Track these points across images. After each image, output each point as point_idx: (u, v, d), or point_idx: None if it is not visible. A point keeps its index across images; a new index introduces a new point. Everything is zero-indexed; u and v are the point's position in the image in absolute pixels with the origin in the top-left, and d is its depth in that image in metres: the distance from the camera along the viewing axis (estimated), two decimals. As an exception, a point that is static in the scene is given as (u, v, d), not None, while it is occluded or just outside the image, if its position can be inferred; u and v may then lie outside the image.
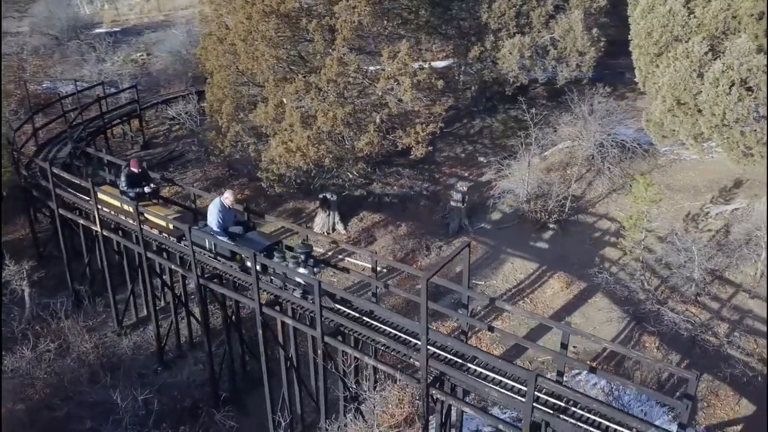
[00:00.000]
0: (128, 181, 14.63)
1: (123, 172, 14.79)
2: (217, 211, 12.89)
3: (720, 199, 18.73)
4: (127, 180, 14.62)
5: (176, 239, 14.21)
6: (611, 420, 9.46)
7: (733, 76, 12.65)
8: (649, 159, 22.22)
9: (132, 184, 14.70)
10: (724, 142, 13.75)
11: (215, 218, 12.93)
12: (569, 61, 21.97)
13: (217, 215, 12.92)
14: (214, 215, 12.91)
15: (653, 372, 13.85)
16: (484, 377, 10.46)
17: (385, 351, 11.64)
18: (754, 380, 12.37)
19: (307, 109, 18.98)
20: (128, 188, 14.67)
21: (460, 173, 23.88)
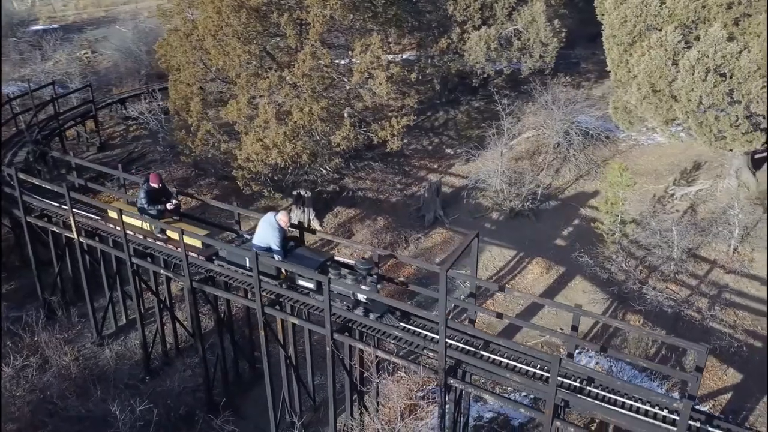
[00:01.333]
0: (148, 198, 13.63)
1: (142, 189, 13.70)
2: (274, 230, 12.13)
3: (682, 181, 19.65)
4: (146, 197, 13.60)
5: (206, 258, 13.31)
6: (627, 396, 9.85)
7: (708, 63, 13.31)
8: (610, 145, 23.10)
9: (152, 201, 13.70)
10: (698, 127, 14.43)
11: (275, 237, 12.15)
12: (533, 52, 22.52)
13: (277, 234, 12.16)
14: (271, 234, 12.14)
15: (641, 348, 14.46)
16: (498, 363, 10.66)
17: (396, 344, 11.66)
18: (739, 350, 13.12)
19: (282, 104, 18.71)
20: (149, 205, 13.65)
21: (430, 165, 24.11)
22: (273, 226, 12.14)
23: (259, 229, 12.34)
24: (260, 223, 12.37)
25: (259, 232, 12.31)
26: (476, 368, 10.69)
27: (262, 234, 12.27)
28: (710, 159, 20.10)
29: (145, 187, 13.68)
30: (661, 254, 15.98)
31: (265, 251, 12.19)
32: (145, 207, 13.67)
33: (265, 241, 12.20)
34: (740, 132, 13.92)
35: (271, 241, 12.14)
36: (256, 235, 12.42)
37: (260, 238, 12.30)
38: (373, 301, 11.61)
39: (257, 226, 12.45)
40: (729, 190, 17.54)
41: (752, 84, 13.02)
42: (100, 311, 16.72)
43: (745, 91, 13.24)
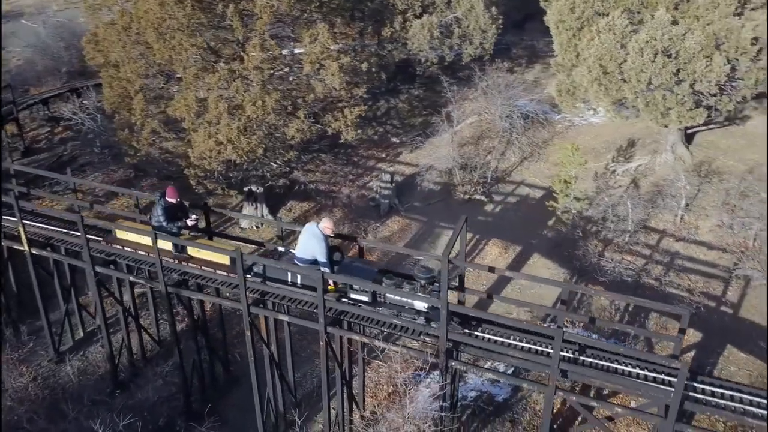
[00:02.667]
0: (167, 215, 12.57)
1: (159, 204, 12.51)
2: (319, 241, 11.22)
3: (620, 158, 20.84)
4: (165, 213, 12.53)
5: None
6: (620, 361, 10.42)
7: (656, 45, 14.19)
8: (548, 127, 24.11)
9: (171, 217, 12.64)
10: (645, 106, 15.36)
11: (321, 248, 11.24)
12: (473, 39, 23.03)
13: (323, 244, 11.25)
14: (316, 245, 11.23)
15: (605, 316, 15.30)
16: (495, 342, 10.96)
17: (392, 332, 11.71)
18: (698, 312, 14.17)
19: (233, 98, 18.14)
20: (168, 222, 12.53)
21: (378, 155, 24.20)
22: (317, 237, 11.21)
23: (301, 240, 11.44)
24: (302, 234, 11.47)
25: (303, 243, 11.39)
26: (476, 348, 10.93)
27: (305, 246, 11.33)
28: (643, 136, 21.43)
29: (162, 203, 12.51)
30: (615, 228, 16.91)
31: (310, 264, 11.36)
32: (164, 225, 12.49)
33: (310, 254, 11.28)
34: (685, 109, 14.97)
35: (317, 253, 11.20)
36: (299, 248, 11.51)
37: (304, 250, 11.37)
38: (434, 309, 10.94)
39: (300, 240, 11.55)
40: (666, 163, 18.77)
41: (696, 64, 14.02)
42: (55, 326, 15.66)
43: (690, 71, 14.23)
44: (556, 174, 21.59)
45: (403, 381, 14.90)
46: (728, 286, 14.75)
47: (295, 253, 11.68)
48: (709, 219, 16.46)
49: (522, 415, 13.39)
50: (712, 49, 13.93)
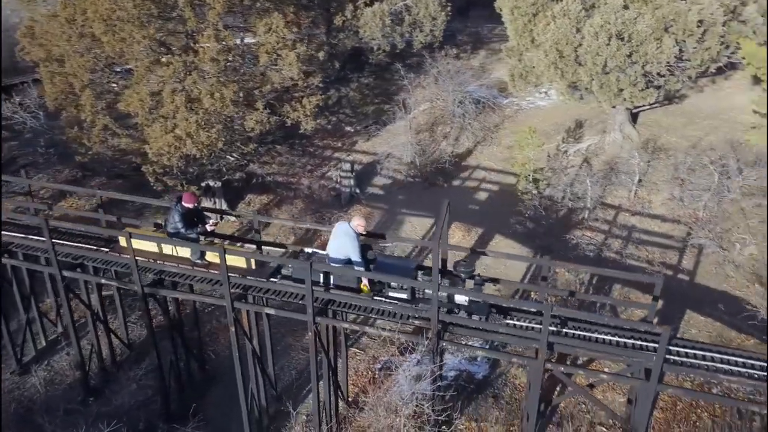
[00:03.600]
0: (185, 221, 12.04)
1: (175, 210, 11.98)
2: (352, 239, 11.06)
3: (570, 139, 21.66)
4: (183, 220, 12.00)
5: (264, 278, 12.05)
6: (600, 331, 10.95)
7: (610, 29, 14.83)
8: (498, 112, 24.71)
9: (189, 224, 12.12)
10: (599, 88, 16.04)
11: (355, 246, 11.07)
12: (423, 26, 23.27)
13: (356, 243, 11.10)
14: (349, 244, 11.06)
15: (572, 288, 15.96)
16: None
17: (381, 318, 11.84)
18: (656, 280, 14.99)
19: (189, 91, 17.65)
20: (187, 229, 12.03)
21: (333, 144, 24.14)
22: (350, 235, 11.05)
23: (333, 239, 11.26)
24: (335, 233, 11.29)
25: (335, 243, 11.21)
26: (467, 329, 11.22)
27: (338, 245, 11.15)
28: (590, 117, 22.33)
29: (180, 209, 12.00)
30: (574, 205, 17.63)
31: (344, 263, 11.19)
32: (183, 231, 12.01)
33: (344, 253, 11.11)
34: (638, 90, 15.74)
35: (351, 252, 11.05)
36: (331, 247, 11.32)
37: (337, 249, 11.19)
38: (474, 302, 11.03)
39: (332, 239, 11.34)
40: (615, 142, 19.67)
41: (648, 46, 14.76)
42: (14, 336, 14.89)
43: (642, 53, 14.97)
44: (512, 156, 22.29)
45: (383, 366, 15.22)
46: (683, 255, 15.71)
47: (327, 253, 11.47)
48: (660, 193, 17.42)
49: (503, 390, 13.86)
50: (661, 32, 14.70)
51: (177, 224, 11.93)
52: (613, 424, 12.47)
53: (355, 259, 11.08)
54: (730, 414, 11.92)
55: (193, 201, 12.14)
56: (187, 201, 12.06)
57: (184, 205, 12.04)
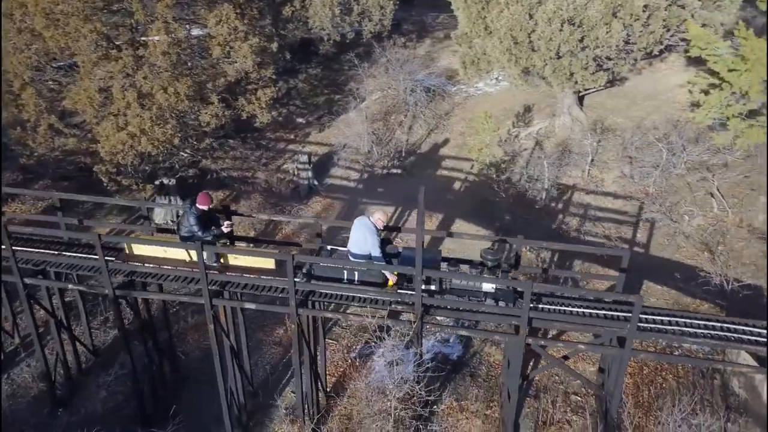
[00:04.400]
0: (200, 223, 11.60)
1: (190, 213, 11.57)
2: (373, 234, 10.95)
3: (521, 123, 22.31)
4: (198, 222, 11.57)
5: None
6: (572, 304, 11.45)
7: (563, 15, 15.37)
8: (448, 99, 25.12)
9: (204, 226, 11.67)
10: (552, 72, 16.61)
11: (376, 242, 10.96)
12: (372, 16, 23.32)
13: (376, 238, 10.99)
14: (371, 239, 10.95)
15: (535, 266, 16.54)
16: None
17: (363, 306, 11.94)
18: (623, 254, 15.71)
19: (141, 87, 17.09)
20: (203, 231, 11.60)
21: (286, 137, 23.92)
22: (371, 230, 10.93)
23: (354, 235, 11.10)
24: (355, 229, 11.13)
25: (356, 239, 11.06)
26: (449, 310, 11.49)
27: (359, 241, 11.00)
28: (537, 102, 23.03)
29: (194, 212, 11.59)
30: (531, 187, 18.22)
31: (366, 259, 11.04)
32: (199, 234, 11.57)
33: (365, 249, 10.98)
34: (589, 73, 16.40)
35: (371, 247, 10.93)
36: (352, 243, 11.14)
37: (359, 245, 11.02)
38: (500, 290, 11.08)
39: (352, 234, 11.19)
40: (565, 125, 20.42)
41: (599, 31, 15.40)
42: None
43: (593, 37, 15.61)
44: (465, 143, 22.75)
45: (358, 354, 15.34)
46: (637, 229, 16.54)
47: (348, 249, 11.31)
48: (611, 171, 18.24)
49: (479, 368, 14.25)
50: (610, 17, 15.36)
51: (192, 227, 11.50)
52: (586, 392, 13.08)
53: (375, 255, 10.99)
54: (693, 374, 12.73)
55: (208, 202, 11.72)
56: (201, 203, 11.64)
57: (198, 207, 11.61)
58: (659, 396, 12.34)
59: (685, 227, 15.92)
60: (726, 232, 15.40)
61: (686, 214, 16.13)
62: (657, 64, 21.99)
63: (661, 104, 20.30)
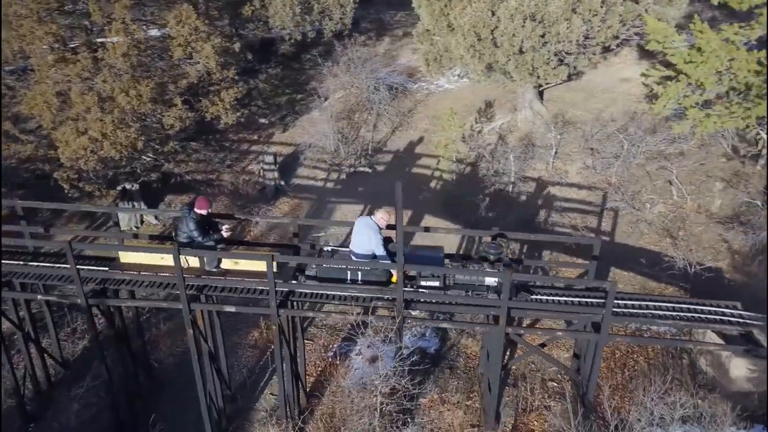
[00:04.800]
0: (199, 228, 11.32)
1: (189, 219, 11.27)
2: (376, 234, 11.05)
3: (483, 119, 22.67)
4: (198, 227, 11.29)
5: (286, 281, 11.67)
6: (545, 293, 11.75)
7: (525, 11, 15.72)
8: (410, 96, 25.31)
9: (203, 230, 11.42)
10: (515, 67, 16.96)
11: (379, 241, 11.07)
12: (333, 14, 23.29)
13: (380, 237, 11.10)
14: (374, 239, 11.02)
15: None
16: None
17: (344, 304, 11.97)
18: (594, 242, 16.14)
19: (101, 90, 16.67)
20: (202, 236, 11.34)
21: (250, 137, 23.68)
22: (373, 229, 11.05)
23: (357, 236, 11.19)
24: (357, 229, 11.23)
25: (358, 239, 11.15)
26: (429, 303, 11.63)
27: (362, 241, 11.10)
28: (498, 97, 23.44)
29: (193, 216, 11.30)
30: (498, 181, 18.56)
31: (369, 259, 11.12)
32: (199, 239, 11.32)
33: (368, 248, 11.06)
34: (551, 68, 16.81)
35: (375, 246, 11.03)
36: (354, 244, 11.22)
37: (361, 245, 11.12)
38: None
39: (353, 234, 11.33)
40: (527, 119, 20.87)
41: (560, 26, 15.81)
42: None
43: (555, 33, 16.01)
44: (429, 140, 22.99)
45: (335, 353, 15.34)
46: (602, 218, 17.06)
47: (351, 249, 11.34)
48: (574, 163, 18.74)
49: (457, 360, 14.45)
50: (570, 12, 15.79)
51: (192, 233, 11.24)
52: (562, 379, 13.45)
53: (380, 254, 11.06)
54: (662, 355, 13.24)
55: (207, 207, 11.45)
56: (200, 207, 11.36)
57: (197, 212, 11.34)
58: (632, 378, 12.79)
59: (647, 215, 16.52)
60: (686, 218, 16.05)
61: (647, 202, 16.74)
62: (611, 59, 22.65)
63: (618, 96, 20.97)
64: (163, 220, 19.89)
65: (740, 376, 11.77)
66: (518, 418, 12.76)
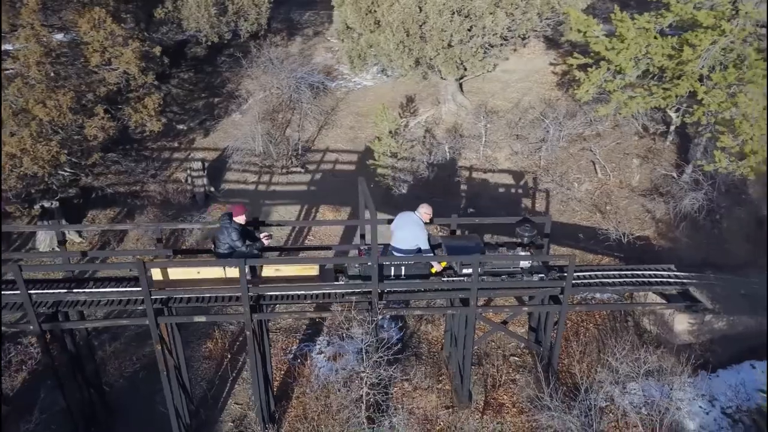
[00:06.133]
0: (242, 237, 11.20)
1: (231, 228, 11.08)
2: (422, 228, 11.41)
3: (407, 114, 23.22)
4: (239, 236, 11.13)
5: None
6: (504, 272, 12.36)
7: (452, 6, 16.32)
8: (330, 95, 25.40)
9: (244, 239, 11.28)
10: (444, 61, 17.58)
11: (425, 236, 11.44)
12: (248, 15, 22.88)
13: (425, 232, 11.49)
14: (420, 233, 11.38)
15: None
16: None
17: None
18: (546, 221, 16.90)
19: (14, 102, 15.45)
20: (245, 245, 11.21)
21: (170, 145, 22.77)
22: (419, 225, 11.41)
23: (402, 231, 11.48)
24: (403, 226, 11.51)
25: (404, 235, 11.44)
26: (404, 293, 11.91)
27: (408, 236, 11.39)
28: (418, 91, 24.10)
29: (235, 226, 11.17)
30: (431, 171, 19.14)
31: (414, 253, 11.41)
32: (242, 248, 11.14)
33: (414, 243, 11.35)
34: (477, 60, 17.57)
35: (421, 241, 11.37)
36: (399, 240, 11.48)
37: (406, 241, 11.39)
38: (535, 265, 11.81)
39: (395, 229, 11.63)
40: (450, 111, 21.65)
41: (486, 20, 16.57)
42: None
43: (481, 26, 16.76)
44: (356, 136, 23.20)
45: (296, 354, 15.22)
46: (535, 200, 18.09)
47: (395, 246, 11.57)
48: (502, 150, 19.70)
49: (420, 347, 14.82)
50: (494, 7, 16.59)
51: (235, 243, 11.12)
52: (522, 353, 14.20)
53: (425, 248, 11.42)
54: (609, 320, 14.34)
55: (245, 215, 11.54)
56: (237, 215, 11.37)
57: (236, 221, 11.29)
58: (587, 343, 13.74)
59: (576, 193, 17.72)
60: (610, 193, 17.41)
61: (575, 182, 17.96)
62: (521, 50, 23.99)
63: (532, 85, 22.23)
64: (89, 237, 18.71)
65: (683, 330, 13.03)
66: (488, 394, 13.33)
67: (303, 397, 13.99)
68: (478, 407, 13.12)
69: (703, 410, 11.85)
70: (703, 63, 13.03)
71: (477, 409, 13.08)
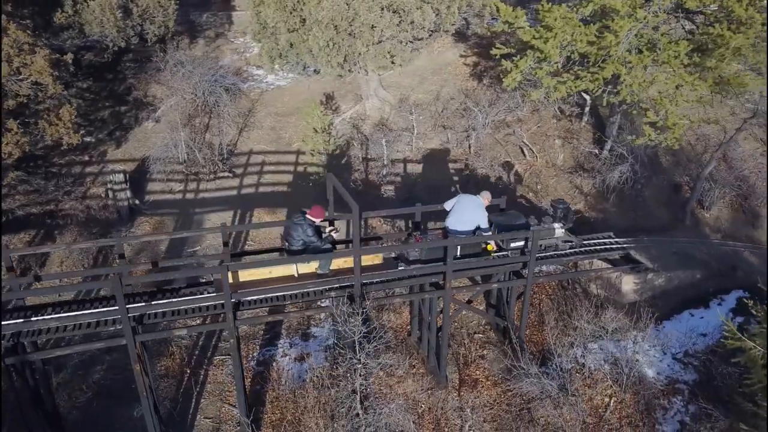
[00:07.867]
0: (317, 233, 11.97)
1: (307, 226, 11.83)
2: (483, 210, 12.53)
3: (329, 111, 23.31)
4: (314, 232, 11.90)
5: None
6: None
7: (381, 2, 16.65)
8: (244, 97, 24.87)
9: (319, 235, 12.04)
10: (373, 56, 17.90)
11: (485, 215, 12.54)
12: (155, 18, 21.85)
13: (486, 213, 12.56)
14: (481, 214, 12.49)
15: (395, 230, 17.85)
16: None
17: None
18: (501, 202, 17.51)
19: None
20: (322, 241, 11.96)
21: (80, 159, 21.21)
22: (481, 206, 12.48)
23: (464, 213, 12.47)
24: (465, 208, 12.48)
25: (466, 216, 12.46)
26: (383, 282, 12.12)
27: (469, 217, 12.45)
28: (336, 89, 24.25)
29: (311, 223, 11.91)
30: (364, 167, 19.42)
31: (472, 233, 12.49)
32: (317, 244, 11.86)
33: (474, 223, 12.47)
34: (407, 53, 18.04)
35: (482, 222, 12.46)
36: (458, 221, 12.49)
37: (467, 222, 12.47)
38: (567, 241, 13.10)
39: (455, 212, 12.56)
40: (375, 106, 22.03)
41: (414, 15, 17.08)
42: None
43: (410, 21, 17.24)
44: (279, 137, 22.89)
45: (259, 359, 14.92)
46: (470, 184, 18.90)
47: (453, 228, 12.54)
48: (432, 141, 20.36)
49: (386, 336, 15.05)
50: (421, 2, 17.14)
51: (311, 238, 11.82)
52: (485, 329, 14.90)
53: (485, 227, 12.54)
54: (557, 290, 15.41)
55: (322, 215, 12.04)
56: (316, 215, 11.95)
57: (313, 219, 11.93)
58: (544, 314, 14.69)
59: (509, 175, 18.75)
60: (539, 173, 18.60)
61: (506, 165, 18.99)
62: (431, 44, 24.86)
63: (448, 78, 23.13)
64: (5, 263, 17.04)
65: (629, 290, 14.32)
66: (462, 372, 13.87)
67: (277, 401, 13.79)
68: (454, 386, 13.61)
69: (657, 359, 13.14)
70: (623, 47, 14.35)
71: (453, 388, 13.57)
